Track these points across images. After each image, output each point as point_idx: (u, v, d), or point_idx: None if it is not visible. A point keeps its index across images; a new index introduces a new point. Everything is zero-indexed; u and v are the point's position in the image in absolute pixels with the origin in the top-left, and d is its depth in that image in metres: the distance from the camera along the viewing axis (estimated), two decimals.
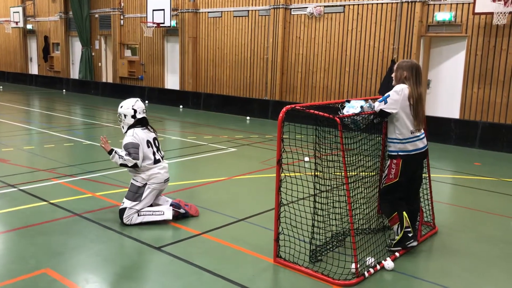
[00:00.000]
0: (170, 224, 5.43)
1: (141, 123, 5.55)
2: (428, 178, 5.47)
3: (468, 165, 9.15)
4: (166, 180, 5.61)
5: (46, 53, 24.26)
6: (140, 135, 5.42)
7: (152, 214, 5.39)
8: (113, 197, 6.32)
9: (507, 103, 10.94)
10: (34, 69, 25.94)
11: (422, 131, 4.79)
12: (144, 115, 5.58)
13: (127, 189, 5.53)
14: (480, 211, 6.28)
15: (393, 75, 4.85)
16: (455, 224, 5.75)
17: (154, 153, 5.49)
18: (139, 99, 5.63)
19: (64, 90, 22.39)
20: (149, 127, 5.62)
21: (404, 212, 4.72)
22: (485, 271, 4.52)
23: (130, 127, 5.50)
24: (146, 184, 5.42)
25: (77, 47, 22.85)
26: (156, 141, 5.61)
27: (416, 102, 4.59)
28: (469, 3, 11.12)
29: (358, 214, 4.85)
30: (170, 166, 8.35)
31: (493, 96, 11.13)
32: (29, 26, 25.13)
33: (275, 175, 4.54)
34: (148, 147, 5.45)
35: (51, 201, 6.06)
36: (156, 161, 5.48)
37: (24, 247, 4.70)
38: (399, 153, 4.66)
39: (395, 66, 4.83)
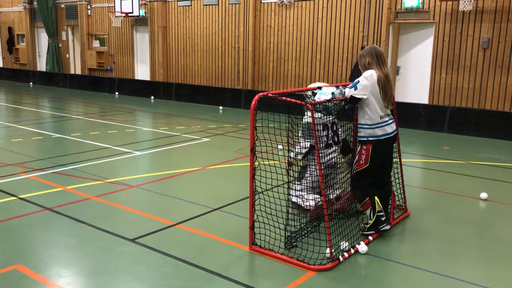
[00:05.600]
0: (144, 216, 5.38)
1: None
2: (399, 163, 5.57)
3: (437, 149, 9.35)
4: None
5: (10, 45, 23.54)
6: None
7: None
8: (85, 190, 6.21)
9: (473, 87, 11.20)
10: None
11: (391, 116, 4.87)
12: None
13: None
14: (449, 194, 6.43)
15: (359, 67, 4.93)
16: (426, 207, 5.88)
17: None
18: None
19: (31, 83, 21.81)
20: None
21: (376, 197, 4.80)
22: (456, 251, 4.64)
23: None
24: None
25: (43, 39, 22.26)
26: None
27: (384, 83, 4.66)
28: None
29: (332, 199, 4.91)
30: (143, 157, 8.29)
31: (461, 81, 11.37)
32: None
33: (249, 163, 4.54)
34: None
35: (20, 196, 5.92)
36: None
37: None
38: (369, 139, 4.73)
39: (358, 57, 4.91)
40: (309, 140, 5.12)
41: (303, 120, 5.16)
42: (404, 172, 5.92)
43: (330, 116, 5.09)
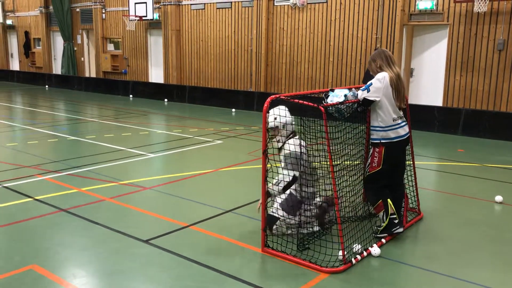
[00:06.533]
0: (158, 217, 5.43)
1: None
2: (413, 165, 5.54)
3: (452, 152, 9.27)
4: None
5: (27, 49, 23.89)
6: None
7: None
8: (99, 192, 6.29)
9: (488, 90, 11.08)
10: (15, 65, 25.54)
11: (404, 118, 4.86)
12: None
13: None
14: (463, 196, 6.37)
15: (370, 71, 4.92)
16: (439, 210, 5.83)
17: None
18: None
19: (46, 86, 22.11)
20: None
21: (389, 200, 4.78)
22: (469, 254, 4.60)
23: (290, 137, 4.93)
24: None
25: (58, 42, 22.55)
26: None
27: (397, 82, 4.68)
28: None
29: (344, 202, 4.90)
30: (157, 159, 8.35)
31: (475, 83, 11.26)
32: (9, 22, 24.69)
33: (261, 166, 4.56)
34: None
35: (36, 198, 6.01)
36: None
37: (10, 244, 4.66)
38: (382, 141, 4.72)
39: (367, 63, 4.93)
40: (292, 170, 4.77)
41: (285, 150, 4.83)
42: (418, 174, 5.89)
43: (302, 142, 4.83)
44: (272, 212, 4.81)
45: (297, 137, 4.93)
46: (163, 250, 4.55)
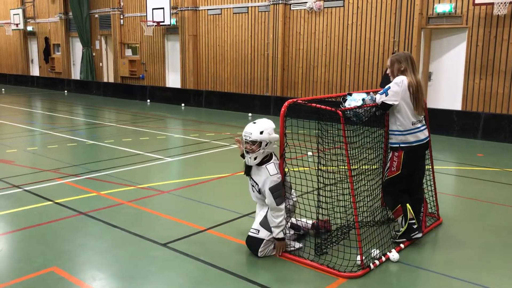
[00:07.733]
0: (175, 221, 5.46)
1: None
2: (432, 170, 5.48)
3: (471, 156, 9.15)
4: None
5: (47, 55, 24.30)
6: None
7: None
8: (118, 196, 6.35)
9: (509, 93, 10.92)
10: (35, 71, 25.99)
11: (424, 122, 4.81)
12: None
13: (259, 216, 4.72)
14: (483, 202, 6.28)
15: (388, 71, 4.86)
16: (459, 215, 5.76)
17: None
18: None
19: (65, 91, 22.42)
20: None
21: (408, 204, 4.73)
22: (489, 260, 4.53)
23: (266, 158, 4.53)
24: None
25: (77, 48, 22.89)
26: None
27: (416, 89, 4.62)
28: None
29: (362, 207, 4.86)
30: (174, 163, 8.40)
31: (495, 87, 11.11)
32: (29, 28, 25.17)
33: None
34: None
35: (56, 201, 6.09)
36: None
37: (31, 246, 4.73)
38: (401, 145, 4.68)
39: (389, 62, 4.82)
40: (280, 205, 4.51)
41: (272, 178, 4.46)
42: (437, 179, 5.82)
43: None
44: (252, 233, 4.55)
45: (274, 158, 4.59)
46: (181, 253, 4.57)
